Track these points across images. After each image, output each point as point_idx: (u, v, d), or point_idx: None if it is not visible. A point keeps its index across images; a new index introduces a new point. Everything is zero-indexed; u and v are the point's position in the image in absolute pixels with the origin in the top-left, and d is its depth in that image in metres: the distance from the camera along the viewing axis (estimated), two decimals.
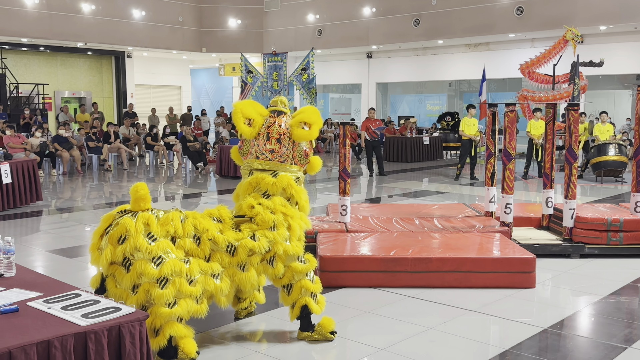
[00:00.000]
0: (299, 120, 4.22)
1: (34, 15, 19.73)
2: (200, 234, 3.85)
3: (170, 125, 19.24)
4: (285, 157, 4.23)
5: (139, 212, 3.69)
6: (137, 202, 3.68)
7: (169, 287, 3.55)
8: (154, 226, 3.65)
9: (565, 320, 4.75)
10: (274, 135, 4.22)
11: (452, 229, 6.63)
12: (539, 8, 18.25)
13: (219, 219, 4.03)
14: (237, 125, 4.24)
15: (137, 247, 3.54)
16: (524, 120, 14.03)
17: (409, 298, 5.20)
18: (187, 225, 3.82)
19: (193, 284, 3.65)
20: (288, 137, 4.22)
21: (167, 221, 3.74)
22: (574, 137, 6.64)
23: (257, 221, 4.05)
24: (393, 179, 13.74)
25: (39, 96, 20.18)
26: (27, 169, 9.71)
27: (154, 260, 3.55)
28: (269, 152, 4.23)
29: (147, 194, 3.71)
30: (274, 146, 4.22)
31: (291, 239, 4.08)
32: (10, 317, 2.71)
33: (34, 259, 6.66)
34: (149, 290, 3.54)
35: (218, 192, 12.32)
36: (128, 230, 3.57)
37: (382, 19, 21.79)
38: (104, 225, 3.71)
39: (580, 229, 6.60)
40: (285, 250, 4.03)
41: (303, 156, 4.26)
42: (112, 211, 3.77)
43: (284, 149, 4.22)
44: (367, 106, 22.58)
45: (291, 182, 4.20)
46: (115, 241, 3.58)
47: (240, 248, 3.90)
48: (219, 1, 24.46)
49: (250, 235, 3.98)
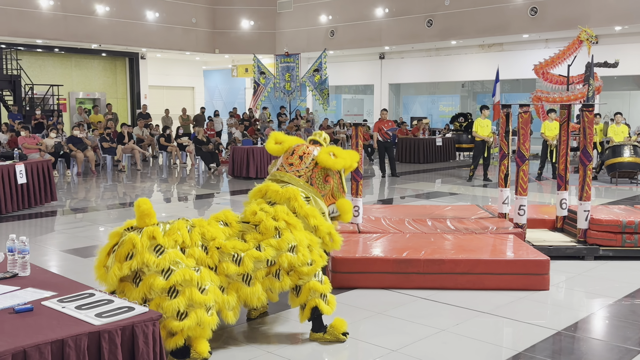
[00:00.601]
0: (330, 149, 4.48)
1: (49, 17, 19.91)
2: (208, 243, 3.82)
3: (183, 126, 19.33)
4: (302, 174, 4.38)
5: (145, 227, 3.64)
6: (141, 218, 3.63)
7: (179, 297, 3.50)
8: (160, 238, 3.59)
9: (579, 323, 4.72)
10: (299, 152, 4.46)
11: (465, 230, 6.60)
12: (553, 8, 18.13)
13: (226, 223, 4.03)
14: (267, 146, 4.57)
15: (144, 262, 3.49)
16: (538, 121, 13.96)
17: (422, 299, 5.18)
18: (194, 234, 3.78)
19: (205, 293, 3.60)
20: (311, 158, 4.43)
21: (174, 231, 3.69)
22: (588, 139, 6.58)
23: (260, 229, 4.05)
24: (405, 180, 13.71)
25: (53, 97, 20.36)
26: (41, 169, 9.80)
27: (164, 273, 3.52)
28: (288, 164, 4.43)
29: (151, 208, 3.64)
30: (295, 160, 4.42)
31: (297, 249, 4.06)
32: (25, 316, 2.73)
33: (48, 259, 6.71)
34: (160, 304, 3.48)
35: (230, 192, 12.36)
36: (134, 247, 3.51)
37: (395, 20, 21.76)
38: (111, 242, 3.66)
39: (594, 231, 6.55)
40: (290, 262, 4.02)
41: (322, 181, 4.43)
42: (119, 228, 3.71)
43: (303, 166, 4.40)
44: (379, 107, 22.55)
45: (297, 195, 4.23)
46: (122, 258, 3.52)
47: (246, 258, 3.87)
48: (232, 3, 24.55)
49: (256, 246, 3.97)
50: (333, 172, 4.51)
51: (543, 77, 11.99)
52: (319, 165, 4.41)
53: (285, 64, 20.80)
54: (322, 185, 4.43)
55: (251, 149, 13.73)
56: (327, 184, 4.46)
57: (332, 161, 4.39)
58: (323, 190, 4.44)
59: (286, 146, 4.53)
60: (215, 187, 13.06)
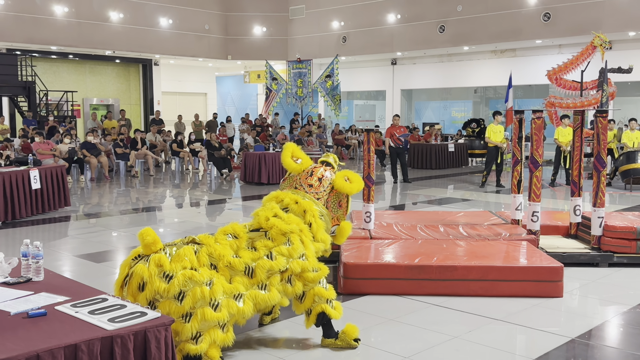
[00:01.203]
0: (344, 174, 4.57)
1: (64, 24, 20.12)
2: (217, 262, 3.80)
3: (195, 132, 19.42)
4: (320, 197, 4.47)
5: (151, 254, 3.64)
6: (147, 247, 3.64)
7: (193, 320, 3.52)
8: (167, 265, 3.58)
9: (593, 330, 4.67)
10: (317, 174, 4.52)
11: (478, 236, 6.57)
12: (566, 14, 18.05)
13: (234, 235, 4.03)
14: (283, 159, 4.58)
15: (156, 291, 3.51)
16: (551, 127, 13.88)
17: (434, 306, 5.16)
18: (201, 256, 3.76)
19: (218, 309, 3.59)
20: (328, 182, 4.51)
21: (181, 258, 3.67)
22: (602, 145, 6.54)
23: (271, 235, 4.05)
24: (417, 186, 13.67)
25: (67, 103, 20.53)
26: (55, 174, 9.87)
27: (177, 297, 3.53)
28: (307, 185, 4.47)
29: (155, 238, 3.63)
30: (314, 182, 4.48)
31: (307, 256, 4.08)
32: (38, 320, 2.75)
33: (61, 264, 6.75)
34: (176, 329, 3.50)
35: (242, 198, 12.39)
36: (143, 277, 3.53)
37: (407, 26, 21.76)
38: (122, 273, 3.66)
39: (608, 238, 6.49)
40: (304, 268, 4.04)
41: (336, 206, 4.55)
42: (128, 258, 3.72)
43: (322, 189, 4.48)
44: (391, 113, 22.54)
45: (314, 210, 4.30)
46: (135, 291, 3.55)
47: (257, 269, 3.88)
48: (245, 9, 24.68)
49: (267, 254, 3.97)
50: (344, 196, 4.61)
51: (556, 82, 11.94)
52: (335, 189, 4.53)
53: (298, 70, 20.85)
54: (335, 209, 4.57)
55: (263, 154, 13.76)
56: (340, 209, 4.60)
57: (349, 187, 4.50)
58: (335, 214, 4.57)
59: (305, 166, 4.58)
60: (227, 193, 13.09)
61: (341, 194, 4.55)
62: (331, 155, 4.81)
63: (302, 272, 4.04)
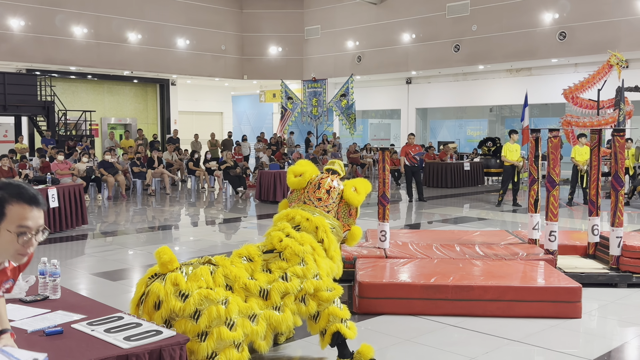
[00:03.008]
0: (351, 184, 4.62)
1: (82, 45, 20.45)
2: (232, 284, 3.81)
3: (211, 151, 19.56)
4: (330, 209, 4.50)
5: (168, 273, 3.66)
6: (164, 265, 3.66)
7: (208, 340, 3.51)
8: (183, 284, 3.59)
9: (612, 352, 4.59)
10: (325, 186, 4.56)
11: (494, 256, 6.51)
12: (582, 33, 18.02)
13: (249, 258, 4.04)
14: (288, 180, 4.68)
15: (172, 309, 3.51)
16: (568, 146, 13.79)
17: (450, 326, 5.11)
18: (217, 276, 3.76)
19: (233, 329, 3.58)
20: (337, 192, 4.56)
21: (197, 277, 3.67)
22: (620, 164, 6.48)
23: (285, 255, 4.06)
24: (433, 205, 13.61)
25: (86, 123, 20.81)
26: (73, 193, 9.97)
27: (193, 316, 3.53)
28: (316, 199, 4.50)
29: (171, 257, 3.66)
30: (323, 195, 4.52)
31: (321, 275, 4.07)
32: (54, 338, 2.76)
33: (78, 282, 6.79)
34: (191, 348, 3.49)
35: (257, 216, 12.41)
36: (159, 296, 3.54)
37: (422, 45, 21.83)
38: (139, 292, 3.68)
39: (627, 258, 6.40)
40: (317, 288, 4.03)
41: (347, 215, 4.57)
42: (144, 276, 3.74)
43: (331, 201, 4.51)
44: (406, 131, 22.53)
45: (326, 226, 4.32)
46: (151, 309, 3.56)
47: (272, 291, 3.88)
48: (261, 30, 24.94)
49: (281, 275, 3.97)
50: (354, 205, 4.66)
51: (573, 101, 11.88)
52: (344, 200, 4.58)
53: (313, 89, 20.97)
54: (346, 219, 4.60)
55: (278, 173, 13.80)
56: (351, 217, 4.63)
57: (359, 198, 4.57)
58: (347, 222, 4.60)
59: (307, 177, 4.63)
60: (243, 211, 13.12)
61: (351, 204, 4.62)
62: (337, 161, 4.85)
63: (316, 291, 4.04)
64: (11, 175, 12.12)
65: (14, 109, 18.47)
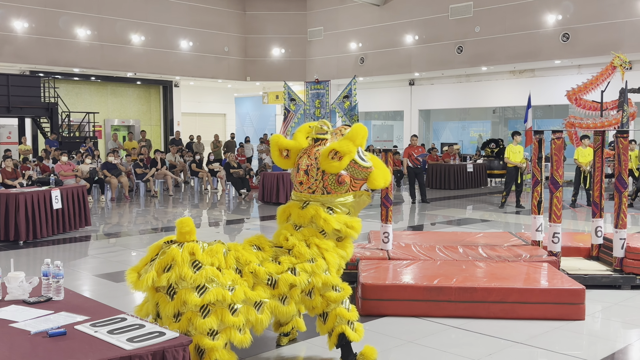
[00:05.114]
0: (329, 149, 4.10)
1: (86, 47, 20.48)
2: (242, 267, 3.85)
3: (214, 152, 19.56)
4: (314, 189, 4.21)
5: (185, 242, 3.71)
6: (183, 235, 3.71)
7: (211, 316, 3.55)
8: (199, 255, 3.66)
9: (616, 354, 4.58)
10: (303, 167, 4.27)
11: (498, 258, 6.50)
12: (585, 34, 17.99)
13: (259, 247, 4.07)
14: (273, 157, 4.40)
15: (182, 276, 3.55)
16: (571, 148, 13.76)
17: (453, 328, 5.10)
18: (229, 258, 3.83)
19: (236, 314, 3.62)
20: (316, 168, 4.19)
21: (213, 253, 3.75)
22: (623, 165, 6.47)
23: (294, 253, 4.07)
24: (436, 207, 13.60)
25: (89, 124, 20.83)
26: (76, 194, 9.98)
27: (198, 289, 3.56)
28: (298, 183, 4.32)
29: (192, 228, 3.74)
30: (302, 178, 4.27)
31: (330, 270, 4.08)
32: (58, 340, 2.76)
33: (81, 283, 6.80)
34: (191, 319, 3.54)
35: (260, 218, 12.40)
36: (174, 260, 3.59)
37: (425, 47, 21.81)
38: (150, 254, 3.74)
39: (631, 260, 6.39)
40: (325, 282, 4.04)
41: (336, 183, 4.15)
42: (159, 241, 3.79)
43: (312, 180, 4.21)
44: (409, 133, 22.52)
45: (319, 212, 4.15)
46: (160, 269, 3.60)
47: (280, 282, 3.91)
48: (264, 31, 24.95)
49: (290, 267, 3.99)
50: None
51: (576, 103, 11.85)
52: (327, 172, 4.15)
53: (315, 91, 20.94)
54: (337, 187, 4.16)
55: (281, 174, 13.80)
56: (343, 185, 4.16)
57: (337, 165, 4.07)
58: (340, 190, 4.17)
59: (293, 157, 4.34)
60: (246, 213, 13.13)
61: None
62: (324, 122, 4.35)
63: (324, 286, 4.04)
64: (15, 176, 12.14)
65: (18, 111, 18.51)
